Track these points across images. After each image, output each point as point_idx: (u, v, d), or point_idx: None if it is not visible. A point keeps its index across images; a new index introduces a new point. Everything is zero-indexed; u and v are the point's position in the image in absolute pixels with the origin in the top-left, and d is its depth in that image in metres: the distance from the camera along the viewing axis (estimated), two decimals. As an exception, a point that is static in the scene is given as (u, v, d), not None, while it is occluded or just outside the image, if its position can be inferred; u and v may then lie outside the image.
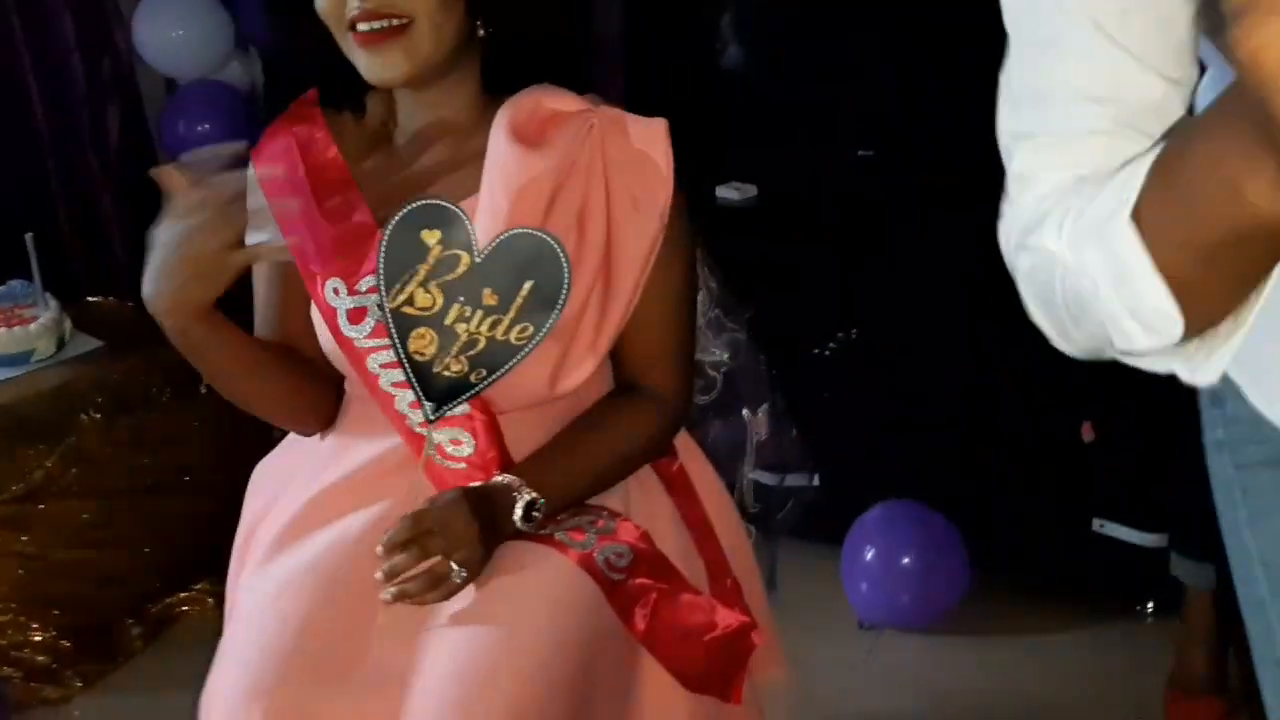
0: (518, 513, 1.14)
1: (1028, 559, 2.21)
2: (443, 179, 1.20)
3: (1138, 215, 0.63)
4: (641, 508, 1.24)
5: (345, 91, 1.20)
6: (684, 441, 1.32)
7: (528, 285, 1.12)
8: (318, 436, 1.28)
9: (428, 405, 1.15)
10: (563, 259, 1.11)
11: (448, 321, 1.13)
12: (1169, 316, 0.64)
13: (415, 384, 1.14)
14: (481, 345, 1.13)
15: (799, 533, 2.03)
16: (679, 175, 1.19)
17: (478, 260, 1.12)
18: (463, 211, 1.12)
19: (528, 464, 1.18)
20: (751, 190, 2.54)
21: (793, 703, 1.41)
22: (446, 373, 1.14)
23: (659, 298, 1.20)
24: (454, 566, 1.08)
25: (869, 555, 2.14)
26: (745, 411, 1.37)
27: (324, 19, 1.13)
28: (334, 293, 1.18)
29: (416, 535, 1.08)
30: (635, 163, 1.17)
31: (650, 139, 1.18)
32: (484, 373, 1.14)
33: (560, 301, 1.12)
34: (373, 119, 1.24)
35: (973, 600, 2.16)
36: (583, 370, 1.18)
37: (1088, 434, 2.12)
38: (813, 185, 2.55)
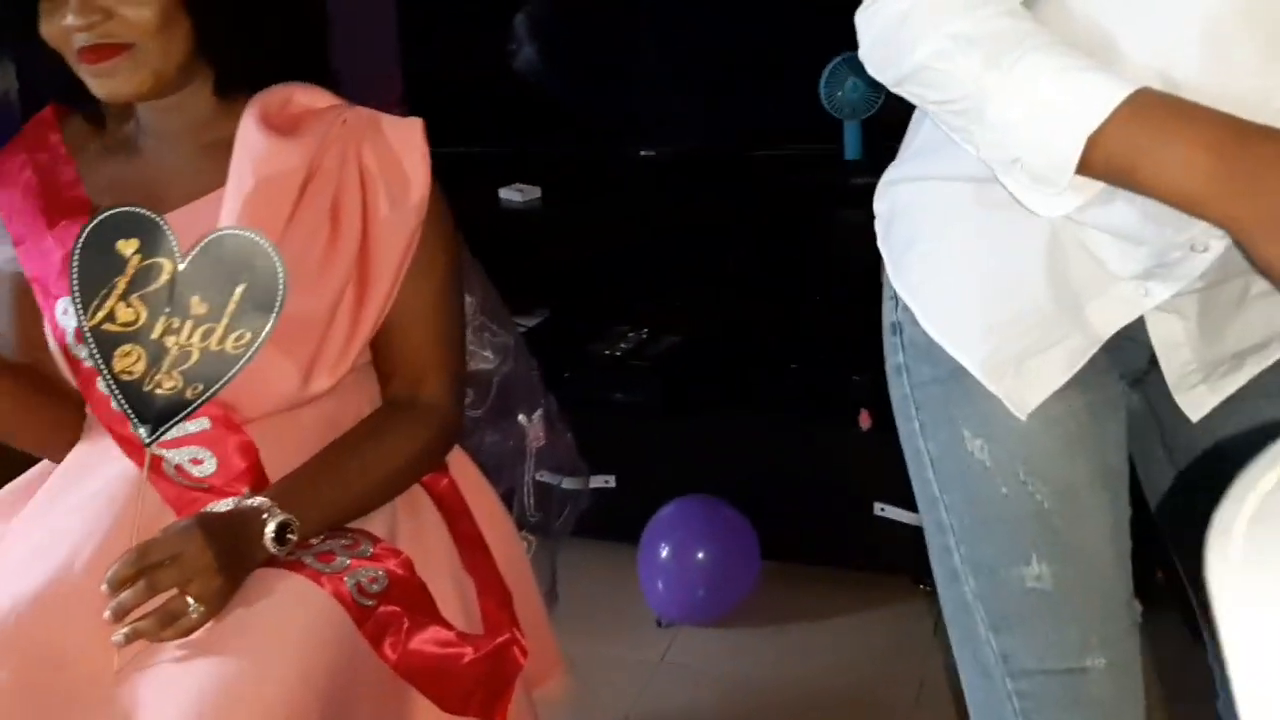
0: (269, 536, 1.07)
1: (816, 545, 2.28)
2: (189, 176, 1.16)
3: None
4: (408, 530, 1.19)
5: (84, 103, 1.15)
6: (456, 454, 1.29)
7: (239, 289, 1.05)
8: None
9: (142, 428, 1.07)
10: (274, 256, 1.05)
11: (155, 336, 1.06)
12: (1065, 173, 0.80)
13: (126, 406, 1.06)
14: (195, 358, 1.06)
15: (593, 534, 2.03)
16: (441, 178, 1.17)
17: (181, 268, 1.05)
18: (161, 219, 1.06)
19: (284, 484, 1.12)
20: (535, 192, 2.52)
21: (581, 707, 1.39)
22: (159, 390, 1.06)
23: (423, 306, 1.17)
24: (190, 601, 1.01)
25: (664, 553, 2.16)
26: (520, 417, 1.34)
27: (50, 44, 1.09)
28: (63, 313, 1.12)
29: (144, 569, 1.00)
30: (391, 161, 1.15)
31: (406, 138, 1.16)
32: (200, 387, 1.07)
33: (278, 302, 1.05)
34: (115, 127, 1.20)
35: (765, 590, 2.21)
36: (338, 370, 1.14)
37: (865, 422, 2.20)
38: (596, 186, 2.55)
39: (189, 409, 1.07)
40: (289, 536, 1.08)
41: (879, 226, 1.08)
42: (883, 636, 2.15)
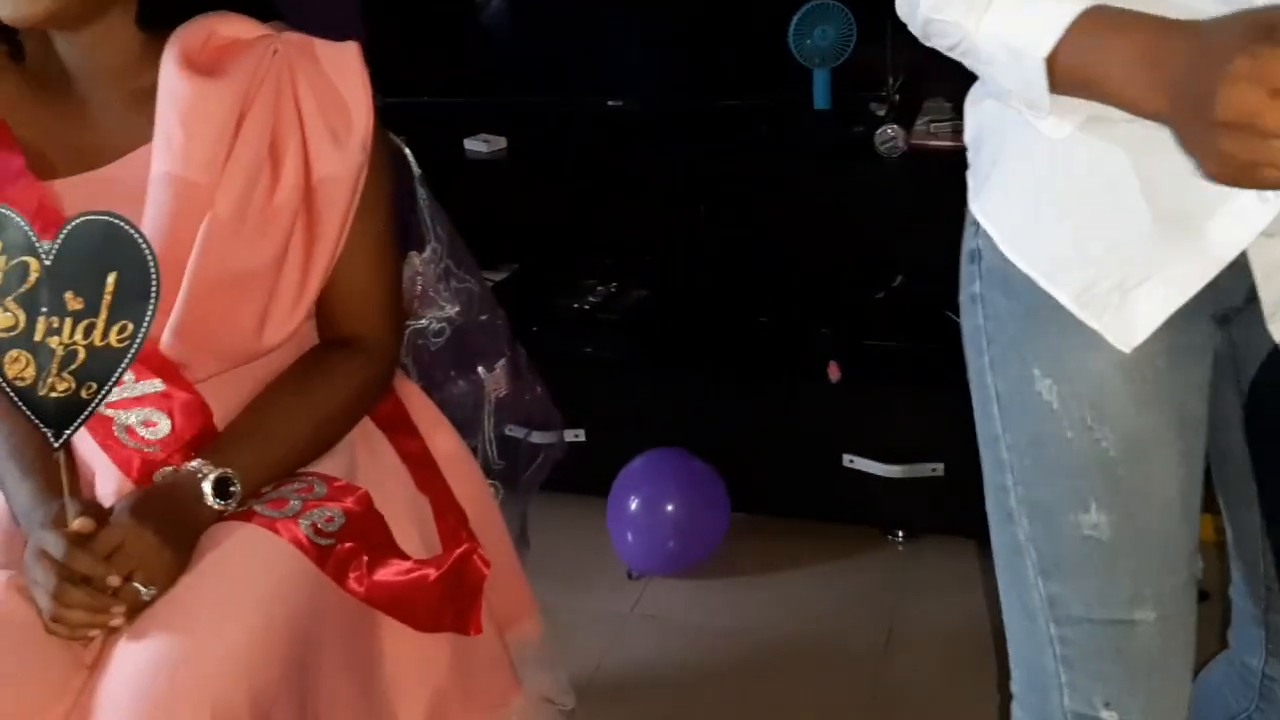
0: (208, 494, 1.07)
1: (785, 497, 2.29)
2: (117, 129, 1.10)
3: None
4: (367, 468, 1.18)
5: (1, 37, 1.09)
6: (401, 383, 1.28)
7: (111, 278, 0.99)
8: None
9: (48, 432, 1.01)
10: (138, 238, 0.99)
11: (37, 339, 0.99)
12: (1042, 97, 0.85)
13: (28, 412, 1.01)
14: (81, 357, 1.00)
15: (563, 487, 2.03)
16: (405, 129, 1.13)
17: (46, 263, 0.99)
18: (11, 211, 0.99)
19: (220, 440, 1.11)
20: (501, 143, 2.49)
21: (556, 655, 1.40)
22: (54, 394, 1.00)
23: (363, 241, 1.14)
24: (139, 588, 1.01)
25: (634, 505, 2.16)
26: (481, 369, 1.33)
27: None
28: None
29: (87, 576, 0.99)
30: (329, 91, 1.10)
31: (343, 64, 1.11)
32: (94, 386, 1.01)
33: (153, 288, 0.99)
34: (38, 67, 1.13)
35: (735, 541, 2.22)
36: (293, 319, 1.11)
37: (834, 374, 2.21)
38: (563, 137, 2.52)
39: (88, 410, 1.01)
40: (231, 490, 1.07)
41: (969, 148, 1.03)
42: (851, 586, 2.17)
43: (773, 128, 2.38)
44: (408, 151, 1.20)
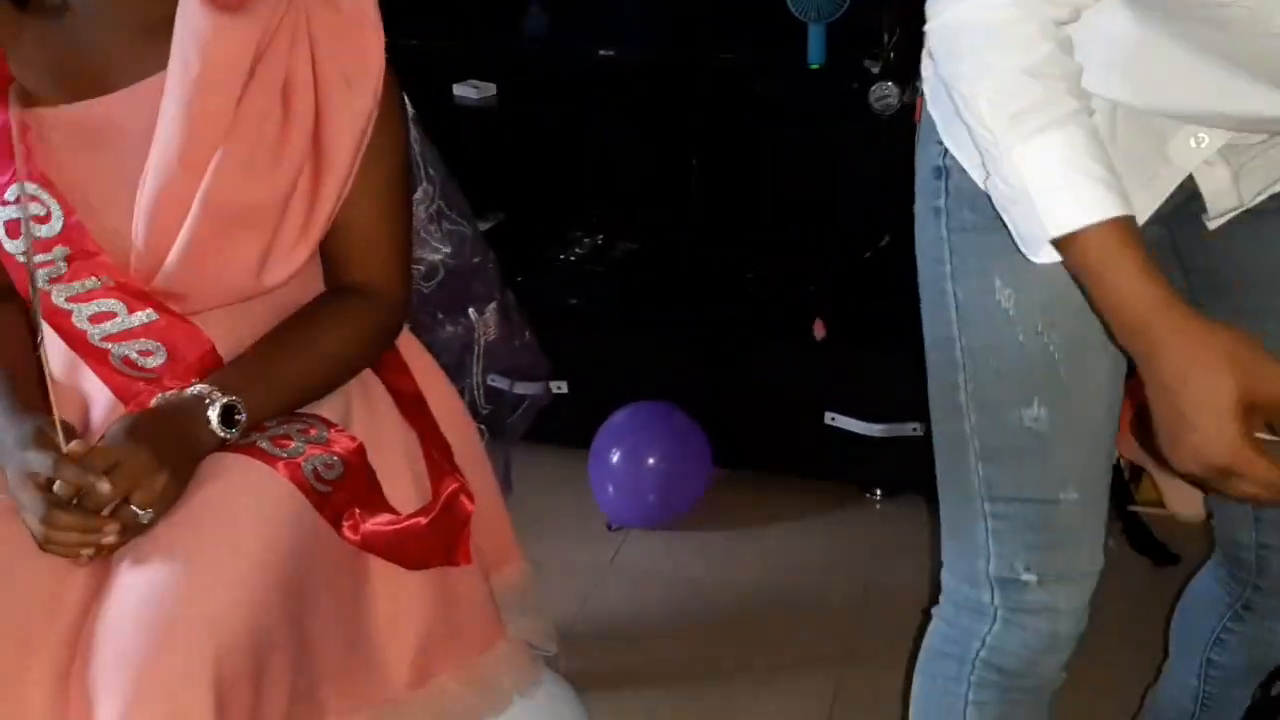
0: (213, 420, 1.06)
1: (767, 453, 2.30)
2: (128, 59, 1.10)
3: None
4: (361, 416, 1.18)
5: None
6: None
7: None
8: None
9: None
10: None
11: None
12: (1033, 252, 0.92)
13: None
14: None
15: (546, 438, 2.03)
16: (395, 72, 1.13)
17: None
18: None
19: (228, 369, 1.10)
20: (491, 89, 2.46)
21: (538, 603, 1.41)
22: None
23: (372, 186, 1.14)
24: (136, 510, 1.00)
25: (615, 458, 2.17)
26: (471, 311, 1.32)
27: None
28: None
29: (82, 487, 0.98)
30: (344, 35, 1.10)
31: (359, 10, 1.11)
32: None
33: None
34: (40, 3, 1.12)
35: (716, 495, 2.23)
36: (294, 260, 1.11)
37: (820, 332, 2.21)
38: (553, 86, 2.49)
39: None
40: (237, 418, 1.07)
41: (927, 84, 1.07)
42: (830, 541, 2.19)
43: (766, 83, 2.37)
44: (401, 93, 1.19)
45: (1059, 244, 0.89)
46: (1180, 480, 0.90)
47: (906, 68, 2.31)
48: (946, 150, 1.05)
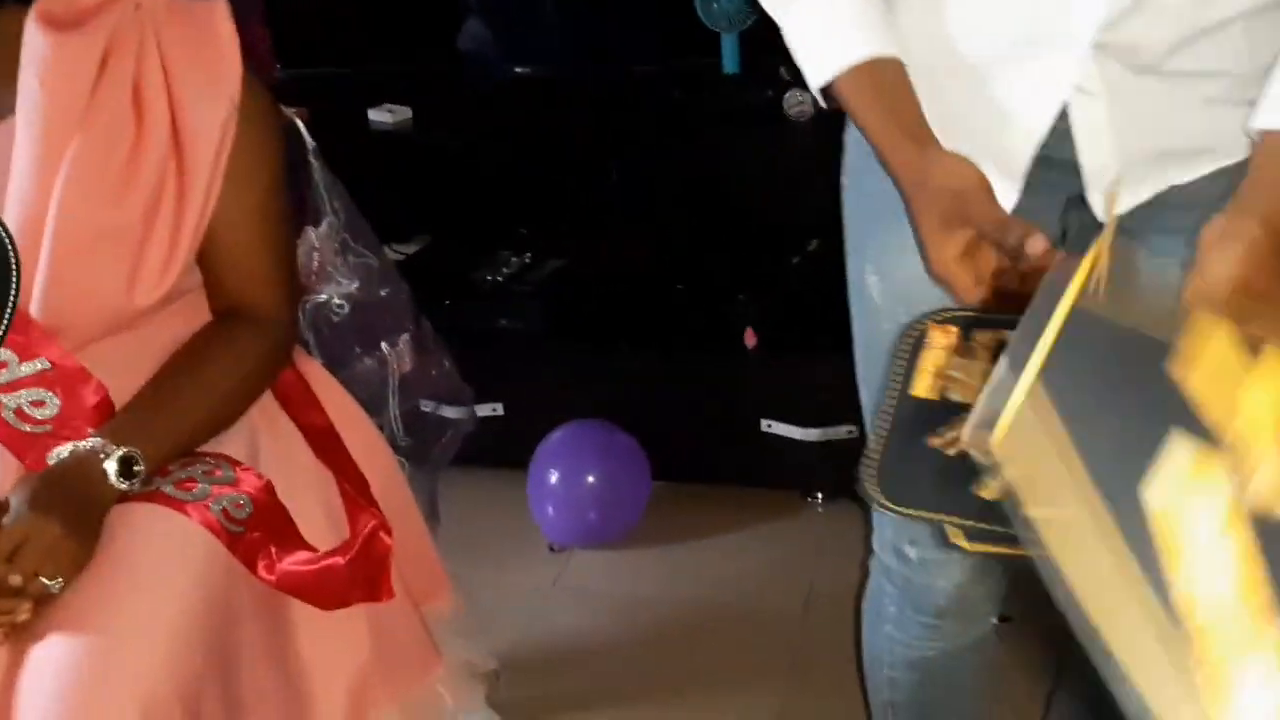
0: (111, 474, 1.03)
1: (706, 464, 2.29)
2: None
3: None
4: (270, 449, 1.16)
5: None
6: (301, 358, 1.26)
7: None
8: None
9: None
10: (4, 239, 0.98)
11: None
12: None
13: None
14: None
15: (483, 462, 2.00)
16: (307, 100, 1.11)
17: None
18: None
19: (121, 417, 1.08)
20: (406, 113, 2.43)
21: (475, 626, 1.40)
22: None
23: (245, 206, 1.12)
24: (46, 582, 0.97)
25: (554, 478, 2.15)
26: (384, 345, 1.30)
27: None
28: None
29: None
30: (197, 46, 1.09)
31: (210, 20, 1.10)
32: None
33: (13, 269, 0.99)
34: None
35: (658, 510, 2.22)
36: (165, 279, 1.09)
37: (751, 341, 2.21)
38: (470, 106, 2.47)
39: None
40: (136, 469, 1.04)
41: None
42: (772, 550, 2.18)
43: (683, 93, 2.37)
44: (300, 124, 1.17)
45: (827, 94, 0.97)
46: None
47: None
48: (848, 123, 1.10)
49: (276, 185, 1.15)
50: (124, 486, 1.04)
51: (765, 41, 2.38)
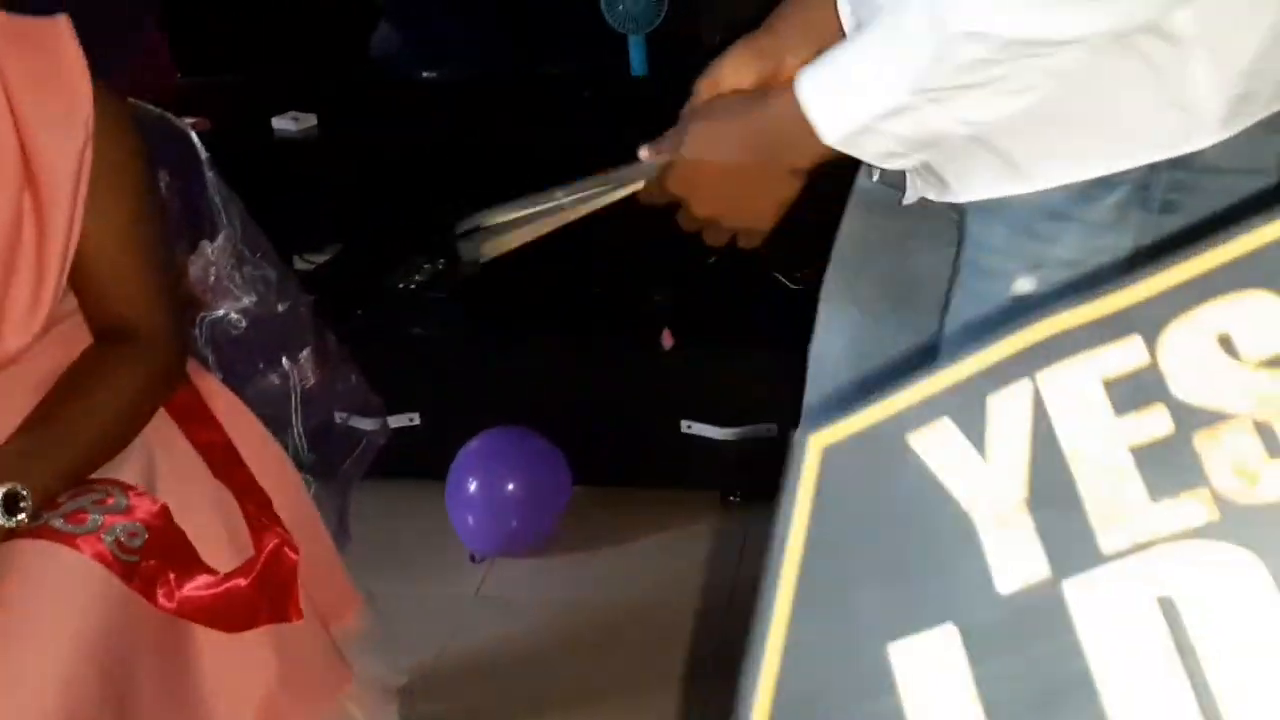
0: None
1: (626, 467, 2.29)
2: None
3: None
4: (166, 471, 1.12)
5: None
6: (197, 374, 1.23)
7: None
8: None
9: None
10: None
11: None
12: None
13: None
14: None
15: (401, 473, 1.97)
16: (209, 109, 1.07)
17: None
18: None
19: (3, 452, 1.04)
20: (311, 120, 2.38)
21: (387, 640, 1.37)
22: None
23: (107, 223, 1.08)
24: None
25: (473, 487, 2.12)
26: (285, 360, 1.27)
27: None
28: None
29: None
30: (42, 70, 1.04)
31: (55, 42, 1.05)
32: None
33: None
34: None
35: (577, 514, 2.20)
36: (34, 319, 1.05)
37: (668, 341, 2.21)
38: (376, 112, 2.44)
39: None
40: (22, 505, 1.00)
41: None
42: (694, 550, 2.18)
43: (591, 95, 2.36)
44: (193, 135, 1.13)
45: None
46: None
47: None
48: None
49: (143, 203, 1.12)
50: (10, 524, 1.00)
51: (675, 43, 2.40)
